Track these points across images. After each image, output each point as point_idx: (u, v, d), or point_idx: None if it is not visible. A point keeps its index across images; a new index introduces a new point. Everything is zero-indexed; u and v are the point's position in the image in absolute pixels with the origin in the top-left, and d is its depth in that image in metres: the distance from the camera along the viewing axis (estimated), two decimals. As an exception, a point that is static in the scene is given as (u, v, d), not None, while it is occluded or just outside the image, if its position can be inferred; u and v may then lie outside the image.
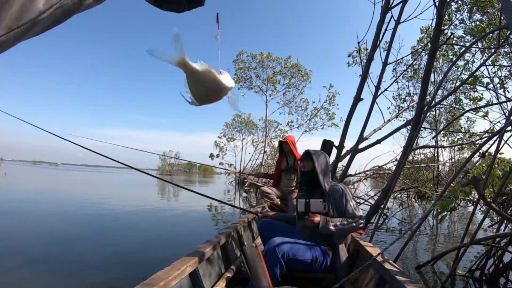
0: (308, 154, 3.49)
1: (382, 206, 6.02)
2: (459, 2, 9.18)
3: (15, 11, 0.38)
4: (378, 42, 6.61)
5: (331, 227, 3.01)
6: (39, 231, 7.25)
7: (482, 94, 10.30)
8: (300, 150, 6.16)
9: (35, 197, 14.48)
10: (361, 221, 3.09)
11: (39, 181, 28.38)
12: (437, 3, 5.29)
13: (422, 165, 17.75)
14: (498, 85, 8.04)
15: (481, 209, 9.10)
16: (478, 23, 9.02)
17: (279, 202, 5.93)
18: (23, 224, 7.89)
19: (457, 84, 8.69)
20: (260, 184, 16.44)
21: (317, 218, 3.07)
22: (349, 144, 7.98)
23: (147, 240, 6.92)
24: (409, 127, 6.98)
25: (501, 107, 7.70)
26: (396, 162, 8.28)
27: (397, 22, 6.38)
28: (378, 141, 7.97)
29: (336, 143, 6.80)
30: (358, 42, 7.77)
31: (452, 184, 4.74)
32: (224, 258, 3.57)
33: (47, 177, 37.61)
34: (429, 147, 12.12)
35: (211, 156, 36.37)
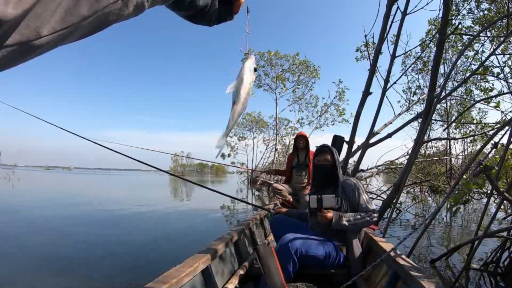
0: (326, 147, 3.49)
1: (394, 200, 5.96)
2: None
3: (61, 13, 0.40)
4: (385, 35, 6.53)
5: (345, 222, 3.01)
6: (56, 233, 7.36)
7: (493, 84, 10.24)
8: (311, 147, 6.14)
9: (51, 201, 14.61)
10: (375, 215, 3.08)
11: (55, 185, 28.66)
12: (443, -7, 5.21)
13: (434, 158, 17.56)
14: (509, 75, 7.93)
15: (495, 201, 8.98)
16: (486, 12, 8.89)
17: (291, 199, 5.91)
18: (41, 228, 8.01)
19: (467, 74, 8.59)
20: (272, 182, 16.46)
21: (330, 214, 3.05)
22: (359, 139, 7.93)
23: (160, 239, 6.99)
24: (420, 120, 6.88)
25: (512, 96, 7.58)
26: (407, 156, 8.21)
27: (404, 13, 6.29)
28: (389, 135, 7.91)
29: (347, 138, 6.75)
30: (365, 36, 7.70)
31: (464, 176, 4.64)
32: (237, 255, 3.57)
33: (62, 181, 38.01)
34: (441, 139, 11.97)
35: (223, 155, 36.34)
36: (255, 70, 0.95)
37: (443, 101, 16.46)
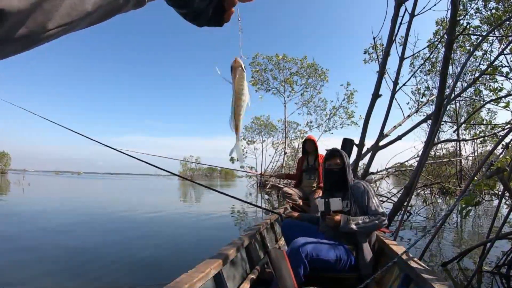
0: (336, 152, 3.48)
1: (405, 203, 5.93)
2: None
3: (66, 8, 0.41)
4: (394, 37, 6.51)
5: (353, 226, 2.99)
6: (66, 238, 7.41)
7: (502, 84, 10.12)
8: (320, 150, 6.12)
9: (61, 206, 14.70)
10: (384, 218, 3.05)
11: (65, 190, 28.81)
12: (450, -6, 5.18)
13: (445, 160, 17.41)
14: (519, 74, 7.84)
15: (507, 202, 8.91)
16: (493, 11, 8.83)
17: (301, 203, 5.91)
18: (52, 232, 8.06)
19: (476, 75, 8.52)
20: (282, 186, 16.46)
21: (338, 217, 3.05)
22: (369, 142, 7.88)
23: (171, 244, 7.03)
24: (429, 121, 6.83)
25: (522, 96, 7.50)
26: (418, 158, 8.15)
27: (411, 15, 6.27)
28: (399, 137, 7.86)
29: (356, 141, 6.72)
30: (374, 38, 7.68)
31: (475, 178, 4.60)
32: (248, 260, 3.57)
33: (72, 186, 38.21)
34: (451, 141, 11.92)
35: (232, 159, 36.36)
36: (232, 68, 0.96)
37: (453, 102, 16.36)
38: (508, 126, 6.12)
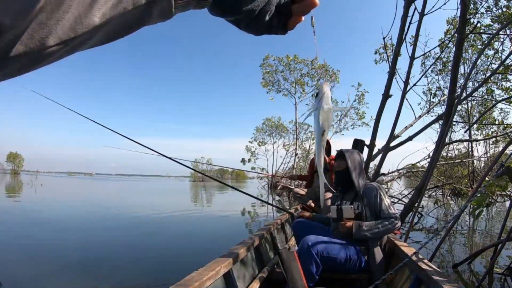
0: (341, 153, 3.48)
1: (416, 204, 5.88)
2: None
3: (68, 23, 0.36)
4: (404, 37, 6.47)
5: (366, 233, 2.98)
6: (80, 238, 7.50)
7: (514, 83, 9.96)
8: (332, 151, 6.09)
9: (74, 207, 14.86)
10: (397, 221, 3.02)
11: (78, 191, 29.09)
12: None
13: (457, 161, 17.25)
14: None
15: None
16: (504, 9, 8.73)
17: (312, 204, 5.88)
18: (66, 232, 8.16)
19: (488, 74, 8.43)
20: (293, 187, 16.48)
21: (350, 223, 3.05)
22: (380, 143, 7.84)
23: (182, 243, 7.17)
24: (441, 122, 6.77)
25: (535, 96, 7.40)
26: (429, 159, 8.09)
27: (421, 14, 6.22)
28: (410, 138, 7.82)
29: (367, 142, 6.68)
30: (384, 38, 7.64)
31: (487, 179, 4.54)
32: (258, 260, 3.58)
33: (85, 187, 38.59)
34: (462, 141, 11.79)
35: (243, 161, 36.47)
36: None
37: (464, 102, 16.20)
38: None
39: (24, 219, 10.14)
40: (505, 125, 8.95)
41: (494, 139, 14.48)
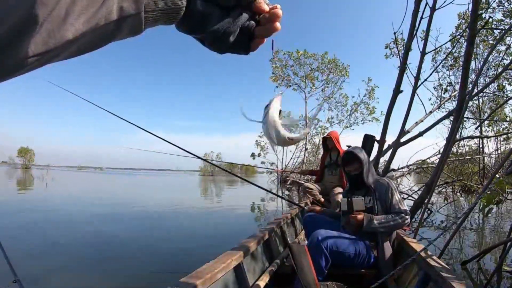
0: (352, 154, 3.41)
1: (426, 201, 5.84)
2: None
3: (41, 37, 0.37)
4: (415, 31, 6.41)
5: (376, 225, 2.99)
6: (90, 231, 7.61)
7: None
8: (343, 146, 6.07)
9: (85, 200, 15.01)
10: (407, 216, 3.04)
11: (88, 185, 29.33)
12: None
13: (467, 157, 17.11)
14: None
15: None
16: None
17: (321, 199, 5.89)
18: (76, 226, 8.26)
19: (499, 70, 8.34)
20: (302, 182, 16.49)
21: (361, 216, 3.05)
22: (390, 138, 7.78)
23: (193, 237, 7.25)
24: (451, 118, 6.71)
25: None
26: (439, 155, 8.03)
27: (432, 9, 6.16)
28: (420, 134, 7.76)
29: (378, 137, 6.65)
30: (394, 33, 7.58)
31: (497, 176, 4.50)
32: (268, 253, 3.61)
33: (95, 181, 38.92)
34: (473, 137, 11.67)
35: (252, 155, 36.44)
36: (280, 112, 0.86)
37: (475, 98, 16.05)
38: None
39: (36, 213, 10.26)
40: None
41: (505, 136, 14.35)
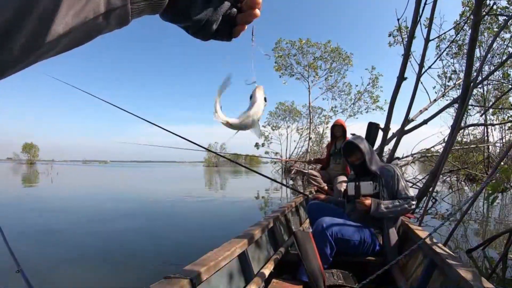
0: (353, 145, 3.39)
1: (430, 189, 5.82)
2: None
3: (32, 33, 0.37)
4: (418, 18, 6.33)
5: (383, 209, 2.98)
6: (94, 223, 7.68)
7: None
8: (349, 134, 6.06)
9: (89, 194, 15.09)
10: (413, 202, 3.04)
11: (93, 179, 29.47)
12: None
13: (472, 146, 17.03)
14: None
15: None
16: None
17: (325, 187, 5.91)
18: (81, 219, 8.32)
19: (504, 58, 8.26)
20: (307, 171, 16.48)
21: (368, 201, 3.04)
22: (394, 127, 7.74)
23: (198, 227, 7.37)
24: (456, 106, 6.66)
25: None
26: (444, 144, 7.99)
27: (436, -7, 6.08)
28: (425, 122, 7.70)
29: (382, 126, 6.62)
30: (398, 20, 7.51)
31: (502, 163, 4.48)
32: (272, 241, 3.62)
33: (100, 174, 39.11)
34: (478, 125, 11.64)
35: (257, 145, 36.55)
36: (265, 99, 0.83)
37: (480, 86, 15.94)
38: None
39: (41, 207, 10.35)
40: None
41: (510, 124, 14.24)
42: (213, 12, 0.58)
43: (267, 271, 2.86)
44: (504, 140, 21.68)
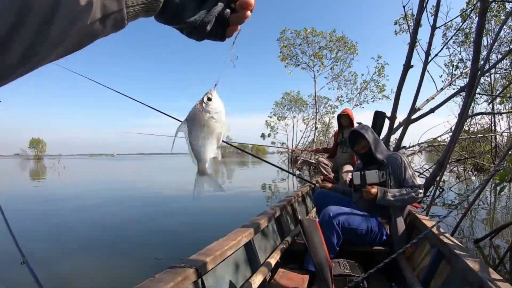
0: (358, 134, 3.37)
1: (438, 178, 5.78)
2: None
3: (28, 41, 0.37)
4: (424, 5, 6.26)
5: (390, 198, 2.96)
6: (101, 215, 7.76)
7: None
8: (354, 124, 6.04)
9: (96, 186, 15.18)
10: (420, 190, 3.00)
11: (100, 172, 29.63)
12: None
13: (479, 135, 16.90)
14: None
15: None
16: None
17: (332, 177, 5.91)
18: (88, 212, 8.41)
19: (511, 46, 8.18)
20: (313, 161, 16.54)
21: (374, 190, 3.02)
22: (401, 116, 7.70)
23: (204, 217, 7.48)
24: (463, 94, 6.59)
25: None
26: (451, 133, 7.94)
27: (442, -21, 6.00)
28: (432, 110, 7.65)
29: (388, 114, 6.58)
30: (404, 7, 7.44)
31: (510, 153, 4.42)
32: (279, 231, 3.62)
33: (107, 167, 39.35)
34: (485, 113, 11.56)
35: (263, 136, 36.67)
36: (209, 99, 0.73)
37: (487, 74, 15.78)
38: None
39: (48, 200, 10.44)
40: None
41: (516, 111, 14.13)
42: (207, 13, 0.59)
43: (273, 261, 2.85)
44: (511, 130, 21.47)
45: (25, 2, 0.36)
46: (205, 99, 0.77)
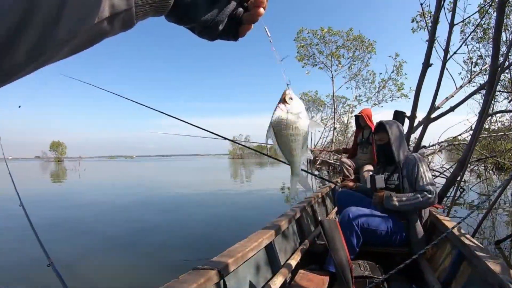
0: (381, 125, 3.37)
1: (458, 178, 5.70)
2: None
3: (34, 40, 0.37)
4: (442, 2, 6.18)
5: (395, 203, 2.92)
6: (123, 217, 7.88)
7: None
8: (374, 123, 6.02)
9: (117, 188, 15.37)
10: (430, 195, 2.88)
11: (121, 174, 29.97)
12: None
13: (500, 134, 16.62)
14: None
15: None
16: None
17: (352, 176, 5.92)
18: (110, 213, 8.53)
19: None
20: (332, 162, 16.45)
21: (382, 193, 3.03)
22: (420, 115, 7.62)
23: (225, 219, 7.48)
24: (483, 92, 6.49)
25: None
26: (471, 132, 7.82)
27: (460, -22, 5.93)
28: (452, 109, 7.54)
29: (408, 114, 6.54)
30: (421, 4, 7.37)
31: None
32: (299, 232, 3.62)
33: (128, 169, 39.85)
34: (506, 111, 11.29)
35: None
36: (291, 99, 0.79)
37: (507, 71, 15.51)
38: None
39: (70, 201, 10.62)
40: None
41: (540, 110, 13.86)
42: (219, 12, 0.58)
43: (294, 262, 2.87)
44: (534, 127, 21.07)
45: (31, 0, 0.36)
46: (288, 99, 0.78)
